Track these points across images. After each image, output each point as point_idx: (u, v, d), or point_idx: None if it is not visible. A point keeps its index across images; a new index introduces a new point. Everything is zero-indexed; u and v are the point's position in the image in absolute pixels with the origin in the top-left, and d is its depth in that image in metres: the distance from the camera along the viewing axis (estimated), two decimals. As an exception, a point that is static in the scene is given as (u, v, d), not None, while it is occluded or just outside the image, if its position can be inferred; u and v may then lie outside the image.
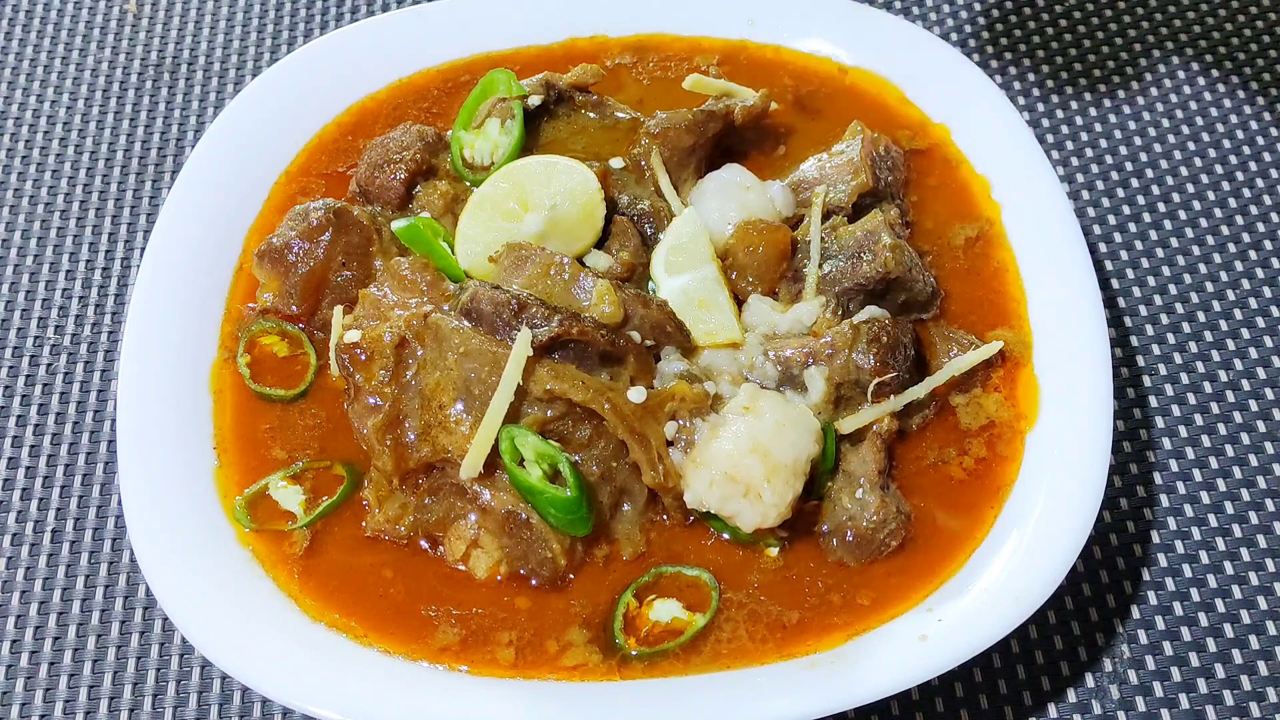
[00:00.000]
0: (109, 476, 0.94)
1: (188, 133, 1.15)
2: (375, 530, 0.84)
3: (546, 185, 0.94)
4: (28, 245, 1.07)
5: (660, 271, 0.92)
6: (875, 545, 0.83)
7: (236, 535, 0.84)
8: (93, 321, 1.03)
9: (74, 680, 0.85)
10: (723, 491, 0.81)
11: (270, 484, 0.87)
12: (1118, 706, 0.83)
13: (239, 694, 0.84)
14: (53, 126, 1.15)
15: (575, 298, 0.86)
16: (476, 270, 0.93)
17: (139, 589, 0.88)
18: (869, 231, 0.92)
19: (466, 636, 0.81)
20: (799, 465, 0.81)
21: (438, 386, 0.83)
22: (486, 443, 0.81)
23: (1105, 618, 0.87)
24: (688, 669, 0.79)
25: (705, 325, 0.89)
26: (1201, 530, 0.90)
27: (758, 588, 0.83)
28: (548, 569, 0.82)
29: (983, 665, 0.85)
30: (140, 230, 1.08)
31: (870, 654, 0.78)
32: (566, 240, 0.93)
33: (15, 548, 0.91)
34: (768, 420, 0.81)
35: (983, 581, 0.80)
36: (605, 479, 0.84)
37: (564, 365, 0.83)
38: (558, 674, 0.79)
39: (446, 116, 1.06)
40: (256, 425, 0.90)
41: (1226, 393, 0.97)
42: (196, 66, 1.20)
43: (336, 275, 0.93)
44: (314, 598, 0.82)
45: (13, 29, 1.23)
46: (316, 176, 1.03)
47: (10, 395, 0.98)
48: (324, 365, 0.92)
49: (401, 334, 0.84)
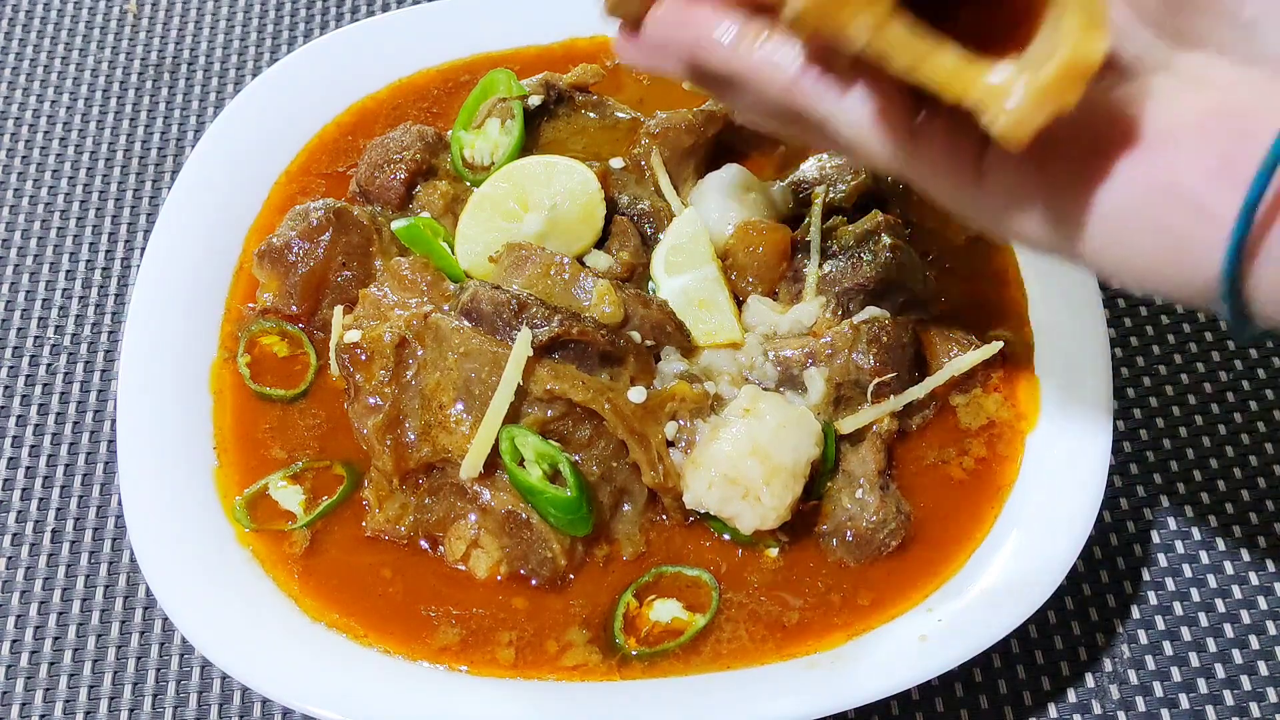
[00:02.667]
0: (109, 476, 0.94)
1: (188, 133, 1.15)
2: (375, 530, 0.84)
3: (546, 185, 0.94)
4: (28, 245, 1.07)
5: (660, 271, 0.92)
6: (875, 545, 0.83)
7: (236, 535, 0.84)
8: (93, 321, 1.03)
9: (74, 680, 0.85)
10: (722, 493, 0.81)
11: (270, 484, 0.87)
12: (1118, 706, 0.83)
13: (239, 694, 0.84)
14: (53, 126, 1.15)
15: (575, 298, 0.86)
16: (476, 270, 0.93)
17: (139, 589, 0.88)
18: (869, 231, 0.92)
19: (466, 636, 0.81)
20: (799, 468, 0.81)
21: (438, 386, 0.83)
22: (486, 443, 0.81)
23: (1105, 618, 0.87)
24: (688, 669, 0.79)
25: (705, 325, 0.89)
26: (1201, 530, 0.90)
27: (758, 588, 0.83)
28: (548, 569, 0.82)
29: (983, 665, 0.85)
30: (140, 230, 1.08)
31: (870, 654, 0.78)
32: (566, 240, 0.93)
33: (15, 548, 0.91)
34: (768, 422, 0.81)
35: (983, 581, 0.80)
36: (605, 479, 0.84)
37: (564, 365, 0.83)
38: (558, 674, 0.79)
39: (446, 116, 1.06)
40: (256, 425, 0.90)
41: (1227, 393, 0.97)
42: (196, 66, 1.20)
43: (336, 275, 0.93)
44: (314, 598, 0.82)
45: (13, 29, 1.23)
46: (316, 176, 1.03)
47: (10, 395, 0.98)
48: (324, 365, 0.92)
49: (401, 334, 0.84)
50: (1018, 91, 0.45)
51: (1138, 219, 0.48)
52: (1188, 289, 0.49)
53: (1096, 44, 0.45)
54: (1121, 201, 0.48)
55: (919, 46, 0.46)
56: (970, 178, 0.53)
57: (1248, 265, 0.46)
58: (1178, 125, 0.47)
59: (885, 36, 0.46)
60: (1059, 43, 0.45)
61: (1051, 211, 0.50)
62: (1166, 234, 0.48)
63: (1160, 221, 0.47)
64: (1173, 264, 0.48)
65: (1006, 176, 0.50)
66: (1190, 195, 0.46)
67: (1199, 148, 0.46)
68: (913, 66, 0.46)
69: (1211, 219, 0.46)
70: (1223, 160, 0.46)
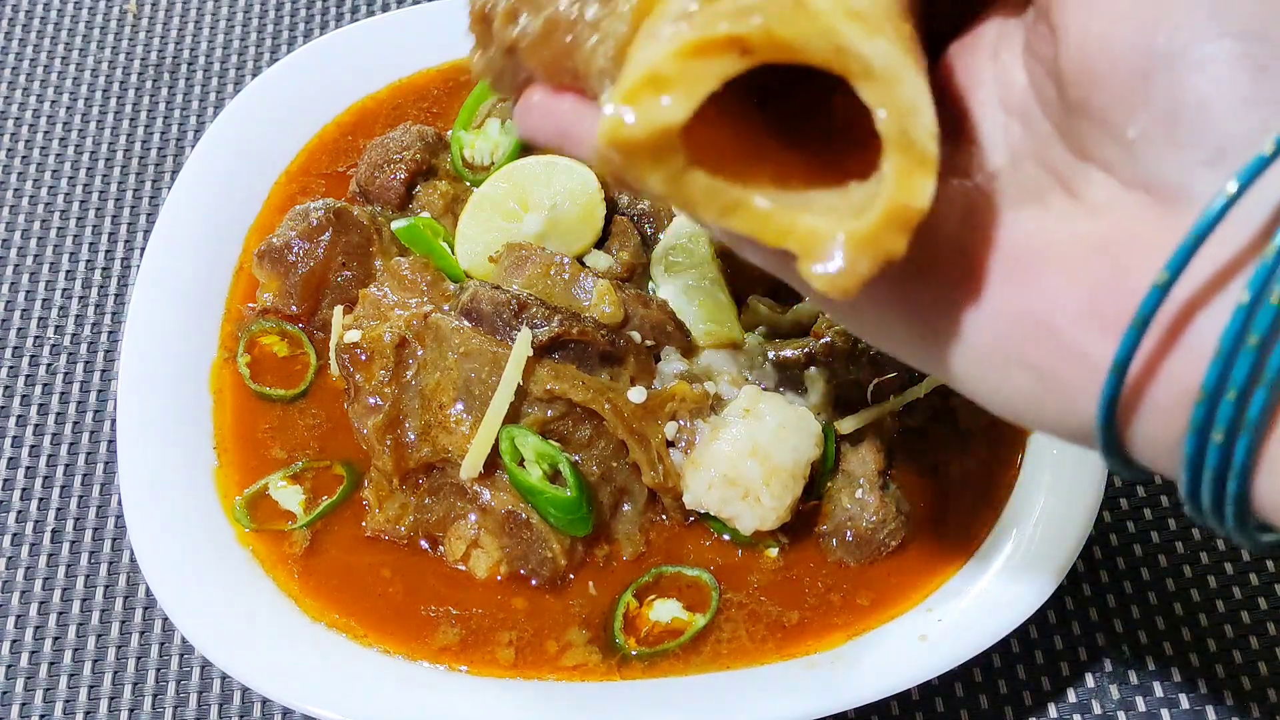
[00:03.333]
0: (109, 476, 0.94)
1: (188, 133, 1.15)
2: (375, 530, 0.84)
3: (546, 185, 0.94)
4: (28, 245, 1.07)
5: (660, 271, 0.92)
6: (875, 545, 0.83)
7: (236, 535, 0.84)
8: (93, 321, 1.03)
9: (74, 680, 0.85)
10: (721, 494, 0.81)
11: (270, 484, 0.87)
12: (1118, 706, 0.83)
13: (239, 694, 0.84)
14: (53, 126, 1.15)
15: (575, 298, 0.86)
16: (476, 270, 0.93)
17: (139, 589, 0.88)
18: (869, 231, 0.92)
19: (466, 636, 0.81)
20: (798, 469, 0.81)
21: (438, 386, 0.83)
22: (486, 443, 0.81)
23: (1105, 618, 0.87)
24: (688, 669, 0.79)
25: (705, 325, 0.89)
26: (1202, 530, 0.90)
27: (758, 588, 0.83)
28: (548, 569, 0.82)
29: (983, 665, 0.84)
30: (140, 230, 1.08)
31: (870, 654, 0.78)
32: (566, 240, 0.93)
33: (15, 548, 0.91)
34: (768, 423, 0.81)
35: (983, 581, 0.80)
36: (605, 479, 0.84)
37: (564, 365, 0.83)
38: (557, 674, 0.79)
39: (446, 116, 1.06)
40: (256, 425, 0.90)
41: (1226, 393, 0.97)
42: (196, 66, 1.20)
43: (336, 275, 0.93)
44: (314, 598, 0.82)
45: (13, 29, 1.23)
46: (316, 176, 1.03)
47: (10, 395, 0.98)
48: (324, 365, 0.93)
49: (401, 334, 0.84)
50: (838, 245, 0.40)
51: (1004, 352, 0.43)
52: (1063, 429, 0.44)
53: (920, 190, 0.40)
54: (987, 332, 0.43)
55: (725, 196, 0.41)
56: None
57: (1126, 416, 0.41)
58: (1047, 252, 0.42)
59: (684, 190, 0.41)
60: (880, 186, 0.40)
61: (917, 337, 0.46)
62: (1034, 371, 0.43)
63: (1027, 358, 0.43)
64: (1044, 404, 0.44)
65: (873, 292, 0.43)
66: (1058, 333, 0.42)
67: (1068, 280, 0.41)
68: (721, 217, 0.41)
69: (1080, 361, 0.41)
70: (1093, 298, 0.41)
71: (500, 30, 0.51)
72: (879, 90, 0.39)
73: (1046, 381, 0.43)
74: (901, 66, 0.40)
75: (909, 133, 0.40)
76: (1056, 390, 0.43)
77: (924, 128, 0.40)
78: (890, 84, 0.39)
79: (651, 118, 0.40)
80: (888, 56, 0.39)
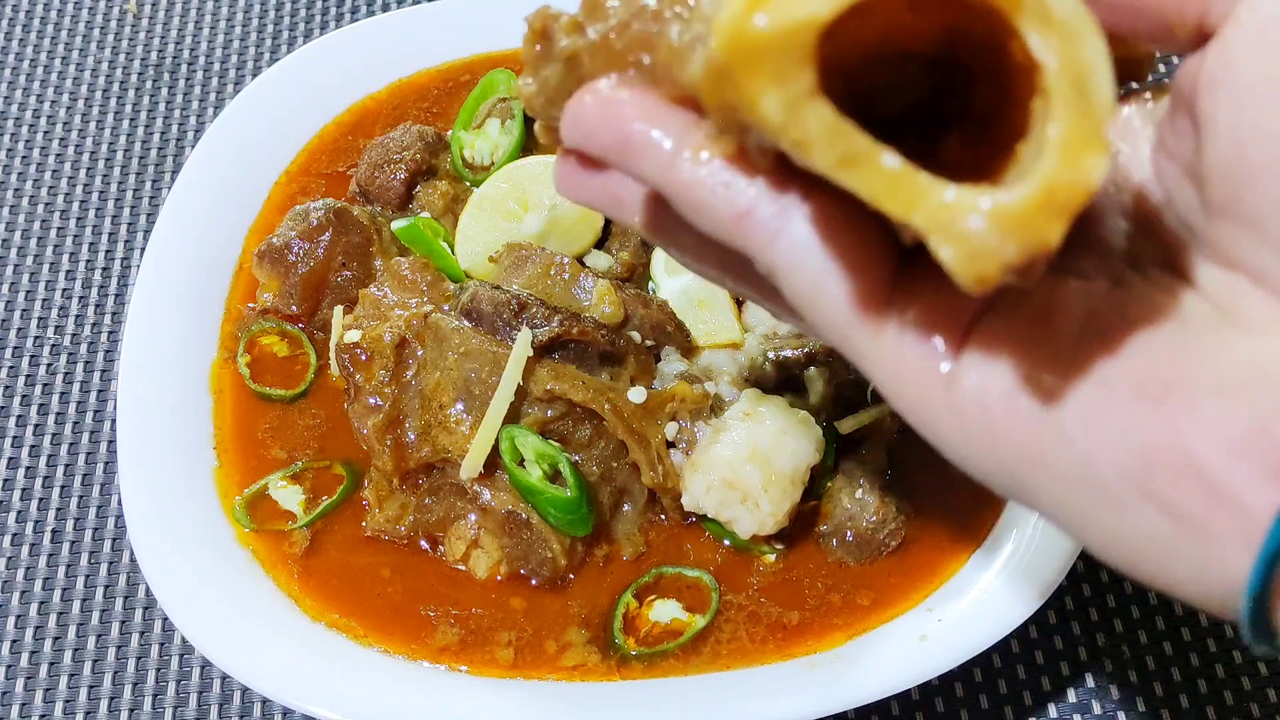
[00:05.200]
0: (109, 476, 0.94)
1: (188, 133, 1.15)
2: (375, 530, 0.84)
3: (546, 185, 0.94)
4: (28, 245, 1.07)
5: (660, 271, 0.92)
6: (875, 545, 0.83)
7: (236, 535, 0.84)
8: (93, 321, 1.03)
9: (74, 680, 0.85)
10: (720, 497, 0.81)
11: (270, 484, 0.87)
12: (1118, 706, 0.83)
13: (239, 694, 0.84)
14: (53, 126, 1.15)
15: (575, 298, 0.86)
16: (476, 270, 0.93)
17: (139, 589, 0.88)
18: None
19: (466, 636, 0.81)
20: (798, 474, 0.81)
21: (438, 386, 0.83)
22: (486, 443, 0.81)
23: (1105, 618, 0.87)
24: (687, 669, 0.79)
25: (705, 325, 0.89)
26: (1201, 530, 0.90)
27: (758, 589, 0.83)
28: (548, 569, 0.82)
29: (983, 665, 0.84)
30: (140, 230, 1.08)
31: (870, 654, 0.78)
32: (566, 240, 0.93)
33: (15, 548, 0.91)
34: (768, 427, 0.81)
35: (983, 581, 0.80)
36: (605, 479, 0.84)
37: (564, 365, 0.83)
38: (557, 674, 0.79)
39: (446, 116, 1.06)
40: (256, 425, 0.90)
41: (1226, 393, 0.97)
42: (196, 66, 1.20)
43: (336, 275, 0.93)
44: (314, 598, 0.82)
45: (13, 29, 1.23)
46: (316, 176, 1.03)
47: (10, 395, 0.98)
48: (324, 365, 0.92)
49: (401, 334, 0.84)
50: (978, 215, 0.33)
51: (1130, 485, 0.36)
52: (1194, 590, 0.37)
53: (1091, 165, 0.33)
54: (1110, 461, 0.36)
55: (848, 142, 0.34)
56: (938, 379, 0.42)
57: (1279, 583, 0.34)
58: (1191, 375, 0.36)
59: (803, 121, 0.34)
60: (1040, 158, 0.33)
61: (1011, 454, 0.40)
62: (1169, 513, 0.36)
63: (1161, 494, 0.36)
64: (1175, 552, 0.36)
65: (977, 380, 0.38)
66: (1204, 472, 0.35)
67: (1218, 412, 0.35)
68: (839, 165, 0.34)
69: (1231, 509, 0.34)
70: (1250, 435, 0.34)
71: (564, 38, 0.44)
72: (1055, 40, 0.33)
73: (1184, 526, 0.36)
74: (1085, 24, 0.33)
75: (1086, 95, 0.33)
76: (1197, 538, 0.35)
77: (1104, 95, 0.33)
78: (1070, 37, 0.33)
79: (789, 10, 0.33)
80: (1072, 6, 0.33)
